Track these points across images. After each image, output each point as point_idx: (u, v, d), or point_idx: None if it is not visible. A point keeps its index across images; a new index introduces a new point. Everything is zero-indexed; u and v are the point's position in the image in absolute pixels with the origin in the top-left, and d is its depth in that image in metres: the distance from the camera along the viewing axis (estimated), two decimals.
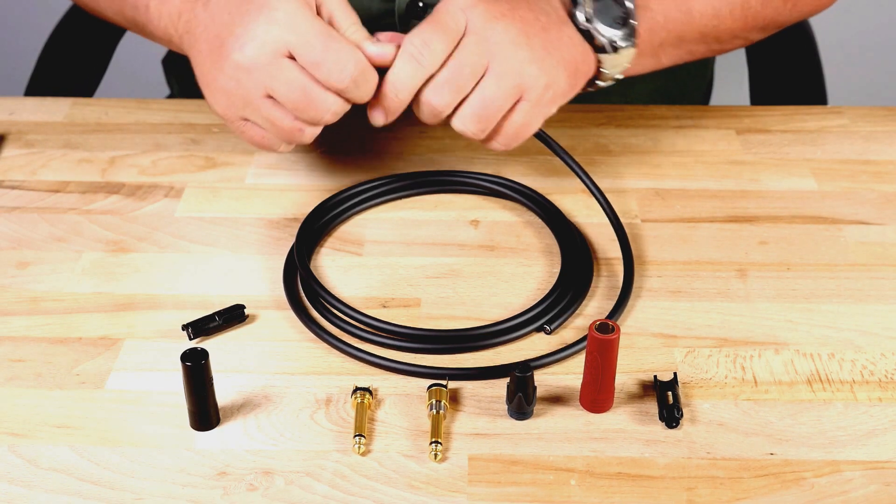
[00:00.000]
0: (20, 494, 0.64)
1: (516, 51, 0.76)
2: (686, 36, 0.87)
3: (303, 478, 0.65)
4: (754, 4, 0.89)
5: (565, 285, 0.79)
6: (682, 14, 0.86)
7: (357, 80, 0.73)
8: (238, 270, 0.82)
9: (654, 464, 0.66)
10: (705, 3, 0.87)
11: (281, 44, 0.73)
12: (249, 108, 0.76)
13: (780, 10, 0.92)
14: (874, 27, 2.12)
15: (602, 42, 0.80)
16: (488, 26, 0.76)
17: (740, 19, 0.90)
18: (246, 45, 0.74)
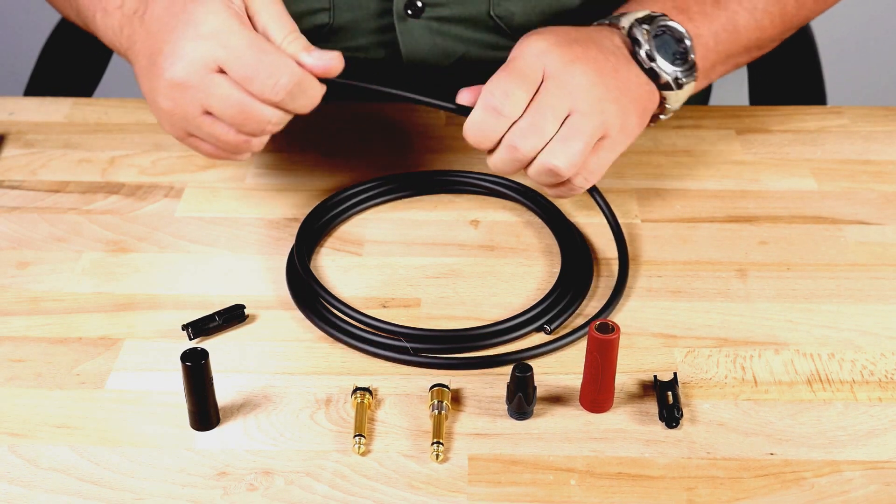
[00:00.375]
0: (20, 494, 0.64)
1: (596, 91, 0.76)
2: (733, 52, 0.89)
3: (303, 478, 0.65)
4: (790, 9, 0.91)
5: (565, 285, 0.79)
6: (729, 33, 0.87)
7: (293, 92, 0.72)
8: (238, 270, 0.82)
9: (654, 464, 0.66)
10: (749, 17, 0.88)
11: (210, 59, 0.71)
12: (191, 125, 0.75)
13: (813, 9, 0.94)
14: (874, 27, 2.11)
15: (667, 80, 0.81)
16: (566, 70, 0.76)
17: (780, 25, 0.91)
18: (176, 63, 0.72)
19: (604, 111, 0.76)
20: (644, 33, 0.81)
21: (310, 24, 0.98)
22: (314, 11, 0.98)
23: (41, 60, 1.22)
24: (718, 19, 0.87)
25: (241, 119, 0.73)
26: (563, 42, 0.78)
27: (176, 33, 0.73)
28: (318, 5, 0.97)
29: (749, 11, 0.88)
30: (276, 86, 0.71)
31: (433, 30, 0.97)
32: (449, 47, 0.99)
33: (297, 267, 0.79)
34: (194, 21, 0.72)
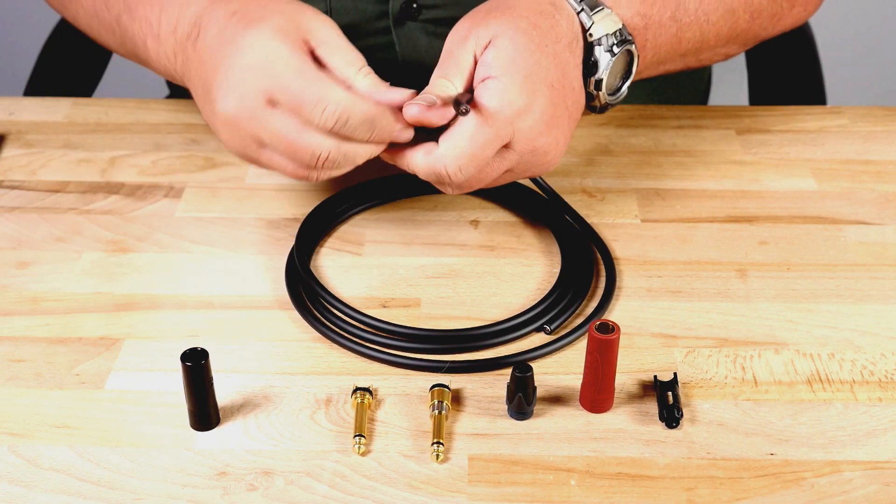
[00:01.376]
0: (20, 494, 0.64)
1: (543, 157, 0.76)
2: (667, 60, 0.87)
3: (303, 478, 0.65)
4: (742, 24, 0.89)
5: (565, 285, 0.78)
6: (672, 45, 0.85)
7: (343, 117, 0.69)
8: (238, 270, 0.82)
9: (654, 464, 0.66)
10: (696, 29, 0.86)
11: (259, 90, 0.70)
12: (251, 156, 0.74)
13: (766, 26, 0.92)
14: (874, 27, 2.12)
15: (596, 105, 0.80)
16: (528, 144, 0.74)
17: (724, 39, 0.89)
18: (227, 97, 0.71)
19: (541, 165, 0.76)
20: (607, 60, 0.78)
21: None
22: None
23: (41, 60, 1.22)
24: (668, 31, 0.84)
25: (291, 151, 0.71)
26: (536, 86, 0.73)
27: (225, 63, 0.71)
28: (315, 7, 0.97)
29: (700, 24, 0.85)
30: (324, 112, 0.69)
31: (430, 32, 0.97)
32: None
33: (296, 267, 0.79)
34: (243, 50, 0.71)
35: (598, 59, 0.78)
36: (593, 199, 0.90)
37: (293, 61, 0.70)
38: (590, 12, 0.77)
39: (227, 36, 0.73)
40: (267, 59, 0.70)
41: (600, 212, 0.88)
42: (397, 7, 0.96)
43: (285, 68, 0.70)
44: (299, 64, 0.70)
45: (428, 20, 0.97)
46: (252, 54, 0.70)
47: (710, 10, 0.86)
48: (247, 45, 0.71)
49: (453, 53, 0.74)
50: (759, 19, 0.90)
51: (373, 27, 0.98)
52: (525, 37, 0.73)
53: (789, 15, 0.93)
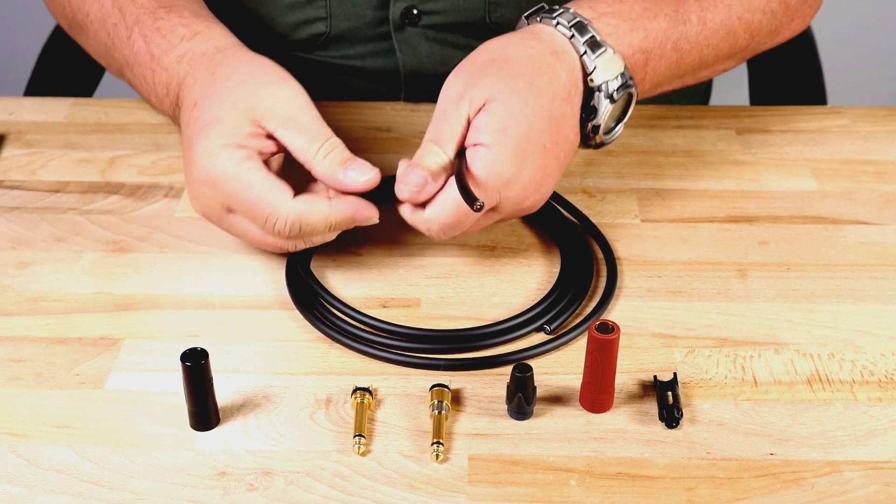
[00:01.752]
0: (20, 494, 0.64)
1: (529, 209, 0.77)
2: (665, 83, 0.86)
3: (303, 478, 0.65)
4: (741, 43, 0.88)
5: (565, 285, 0.78)
6: (672, 72, 0.84)
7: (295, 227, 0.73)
8: (238, 270, 0.82)
9: (654, 464, 0.66)
10: (696, 55, 0.85)
11: (218, 203, 0.74)
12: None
13: (765, 41, 0.91)
14: (874, 27, 2.11)
15: (591, 145, 0.81)
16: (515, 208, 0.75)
17: (723, 58, 0.89)
18: (194, 202, 0.76)
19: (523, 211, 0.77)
20: (606, 106, 0.77)
21: (307, 33, 0.98)
22: (311, 21, 0.98)
23: (41, 60, 1.22)
24: (669, 60, 0.83)
25: (261, 245, 0.76)
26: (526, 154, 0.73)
27: (187, 169, 0.75)
28: (315, 15, 0.97)
29: (700, 49, 0.85)
30: (276, 225, 0.73)
31: (430, 37, 0.98)
32: (446, 54, 0.99)
33: (296, 268, 0.79)
34: (196, 164, 0.73)
35: (598, 106, 0.78)
36: (593, 199, 0.90)
37: (241, 177, 0.72)
38: (592, 55, 0.77)
39: (187, 136, 0.75)
40: (216, 175, 0.73)
41: (600, 212, 0.88)
42: (398, 13, 0.97)
43: (233, 185, 0.72)
44: (246, 179, 0.72)
45: (428, 26, 0.97)
46: (203, 171, 0.73)
47: (710, 34, 0.85)
48: (198, 158, 0.73)
49: (447, 115, 0.74)
50: (759, 36, 0.90)
51: (373, 33, 0.98)
52: (519, 100, 0.73)
53: (788, 28, 0.93)
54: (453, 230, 0.74)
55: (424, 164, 0.73)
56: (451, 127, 0.73)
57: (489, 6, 0.96)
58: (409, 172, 0.73)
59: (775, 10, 0.89)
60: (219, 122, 0.73)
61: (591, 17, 0.78)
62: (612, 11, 0.79)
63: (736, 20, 0.86)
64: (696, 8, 0.84)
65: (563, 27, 0.77)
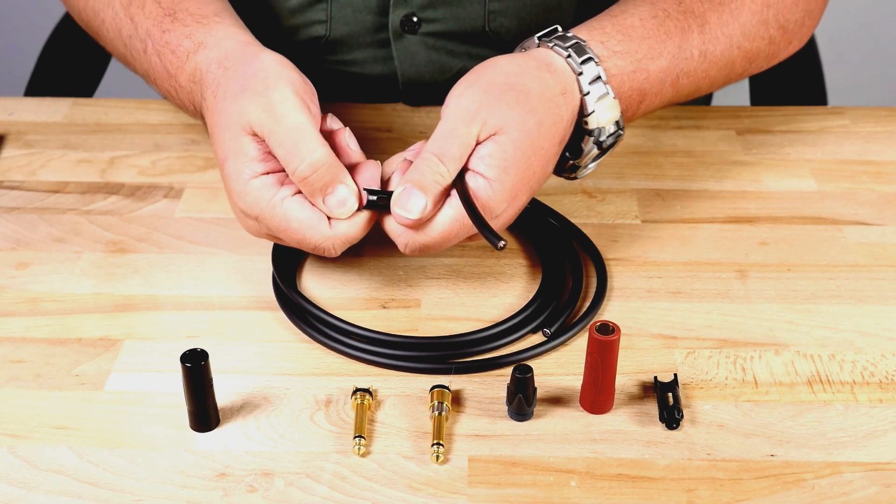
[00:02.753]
0: (19, 495, 0.64)
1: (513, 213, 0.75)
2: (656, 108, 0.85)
3: (302, 479, 0.65)
4: (738, 69, 0.88)
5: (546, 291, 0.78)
6: (663, 102, 0.84)
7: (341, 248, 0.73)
8: (238, 270, 0.82)
9: (654, 465, 0.66)
10: (691, 88, 0.85)
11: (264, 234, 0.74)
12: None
13: (761, 65, 0.91)
14: (874, 27, 2.12)
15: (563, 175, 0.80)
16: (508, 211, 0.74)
17: (718, 84, 0.88)
18: (241, 222, 0.75)
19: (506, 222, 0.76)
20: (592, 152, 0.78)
21: (306, 36, 0.98)
22: (311, 24, 0.98)
23: (41, 60, 1.22)
24: (664, 96, 0.83)
25: (297, 245, 0.74)
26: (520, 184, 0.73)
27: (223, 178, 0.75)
28: (315, 18, 0.97)
29: (697, 80, 0.84)
30: (325, 253, 0.73)
31: (429, 45, 0.98)
32: (445, 62, 0.99)
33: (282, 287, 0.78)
34: (231, 197, 0.74)
35: (585, 148, 0.78)
36: (593, 200, 0.90)
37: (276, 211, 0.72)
38: (594, 99, 0.76)
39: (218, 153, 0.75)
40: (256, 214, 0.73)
41: (600, 212, 0.88)
42: (397, 20, 0.97)
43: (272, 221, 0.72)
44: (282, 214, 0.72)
45: (427, 34, 0.97)
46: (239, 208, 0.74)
47: (710, 66, 0.84)
48: (232, 193, 0.74)
49: (457, 132, 0.72)
50: (756, 62, 0.89)
51: (372, 39, 0.98)
52: (528, 140, 0.73)
53: (786, 51, 0.92)
54: (432, 250, 0.73)
55: (424, 182, 0.71)
56: (460, 145, 0.72)
57: (488, 15, 0.96)
58: (409, 196, 0.71)
59: (773, 35, 0.88)
60: (232, 157, 0.73)
61: (602, 56, 0.77)
62: (621, 51, 0.78)
63: (735, 49, 0.86)
64: (698, 42, 0.83)
65: (573, 62, 0.76)
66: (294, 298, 0.77)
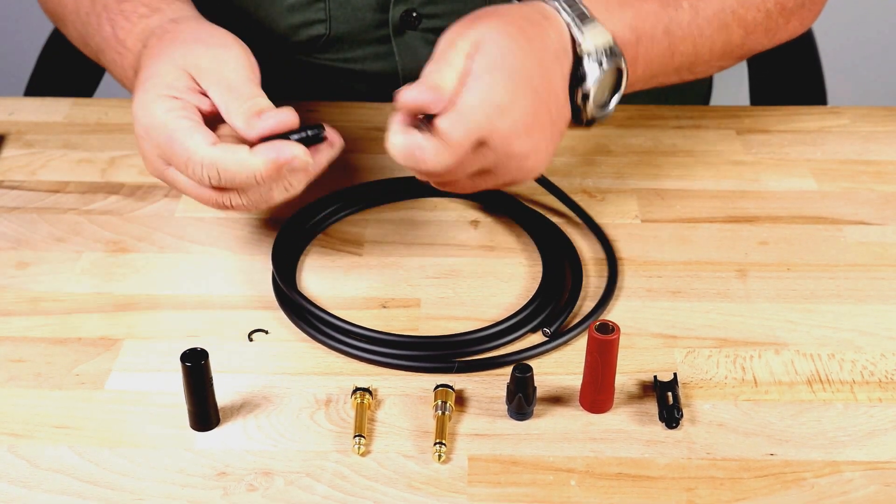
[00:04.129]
0: (20, 495, 0.64)
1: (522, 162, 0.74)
2: (661, 73, 0.85)
3: (303, 478, 0.65)
4: (735, 39, 0.88)
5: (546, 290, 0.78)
6: (664, 59, 0.84)
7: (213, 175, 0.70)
8: (238, 270, 0.82)
9: (654, 464, 0.66)
10: (689, 44, 0.84)
11: (155, 156, 0.73)
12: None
13: (761, 41, 0.91)
14: (874, 27, 2.11)
15: (583, 119, 0.79)
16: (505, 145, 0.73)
17: (718, 54, 0.88)
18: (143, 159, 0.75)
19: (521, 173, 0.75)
20: (595, 70, 0.77)
21: (306, 35, 0.98)
22: (311, 23, 0.98)
23: (41, 60, 1.22)
24: (661, 45, 0.83)
25: (198, 200, 0.74)
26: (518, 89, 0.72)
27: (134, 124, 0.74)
28: (314, 17, 0.97)
29: (693, 38, 0.84)
30: (194, 173, 0.71)
31: (430, 41, 0.97)
32: None
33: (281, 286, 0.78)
34: (135, 118, 0.73)
35: (587, 72, 0.77)
36: (593, 200, 0.90)
37: (168, 124, 0.71)
38: (581, 26, 0.76)
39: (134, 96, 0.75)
40: (148, 125, 0.72)
41: (600, 212, 0.88)
42: (397, 16, 0.96)
43: (160, 132, 0.71)
44: (172, 126, 0.71)
45: (428, 29, 0.97)
46: (139, 123, 0.73)
47: (703, 24, 0.84)
48: (135, 112, 0.73)
49: (445, 55, 0.72)
50: (754, 34, 0.89)
51: (372, 36, 0.98)
52: (511, 40, 0.73)
53: (785, 29, 0.92)
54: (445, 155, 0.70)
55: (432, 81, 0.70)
56: (450, 62, 0.72)
57: None
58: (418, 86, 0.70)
59: (770, 9, 0.88)
60: (156, 76, 0.73)
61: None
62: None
63: (729, 14, 0.86)
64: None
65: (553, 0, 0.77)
66: (294, 298, 0.77)
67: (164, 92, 0.72)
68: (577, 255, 0.83)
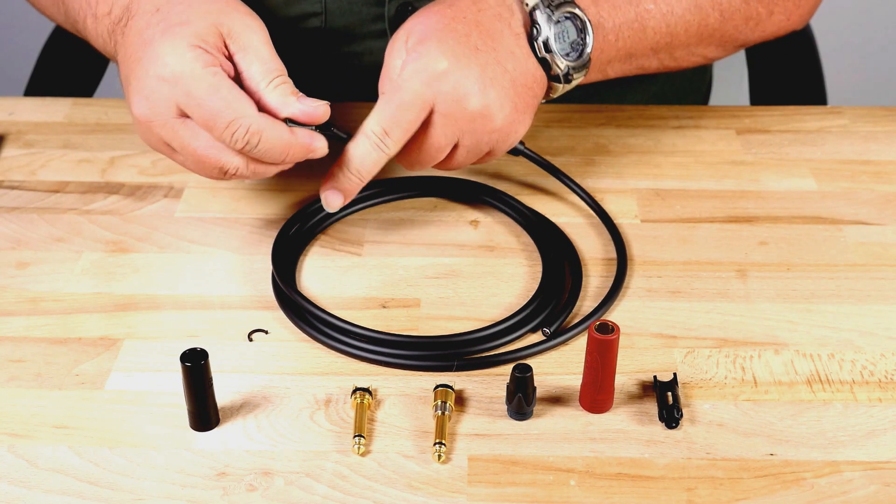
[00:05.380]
0: (19, 495, 0.64)
1: (487, 122, 0.75)
2: (637, 52, 0.86)
3: (302, 478, 0.65)
4: (712, 22, 0.88)
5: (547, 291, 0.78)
6: (635, 31, 0.84)
7: (253, 141, 0.70)
8: (238, 270, 0.82)
9: (653, 464, 0.66)
10: (661, 20, 0.86)
11: (172, 104, 0.71)
12: (163, 153, 0.76)
13: (741, 28, 0.91)
14: (874, 27, 2.11)
15: (557, 72, 0.79)
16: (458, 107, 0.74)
17: (695, 35, 0.88)
18: (140, 102, 0.72)
19: (491, 140, 0.77)
20: (546, 18, 0.77)
21: (302, 28, 0.98)
22: (307, 16, 0.98)
23: (41, 60, 1.22)
24: (626, 14, 0.84)
25: (199, 162, 0.73)
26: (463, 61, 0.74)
27: (141, 67, 0.72)
28: (311, 10, 0.97)
29: (663, 14, 0.85)
30: (234, 135, 0.70)
31: None
32: None
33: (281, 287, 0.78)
34: (158, 59, 0.71)
35: (538, 20, 0.78)
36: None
37: (207, 78, 0.70)
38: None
39: (147, 36, 0.73)
40: (181, 73, 0.70)
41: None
42: (393, 10, 0.96)
43: (198, 85, 0.70)
44: (213, 81, 0.70)
45: None
46: (166, 67, 0.71)
47: (672, 1, 0.86)
48: (162, 54, 0.71)
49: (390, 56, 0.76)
50: (732, 20, 0.89)
51: (368, 30, 0.98)
52: (435, 14, 0.75)
53: (769, 21, 0.92)
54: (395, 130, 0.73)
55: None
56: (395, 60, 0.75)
57: None
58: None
59: None
60: (189, 25, 0.72)
61: None
62: None
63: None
64: None
65: None
66: (294, 298, 0.77)
67: (196, 42, 0.71)
68: (577, 255, 0.83)
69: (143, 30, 0.74)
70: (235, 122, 0.70)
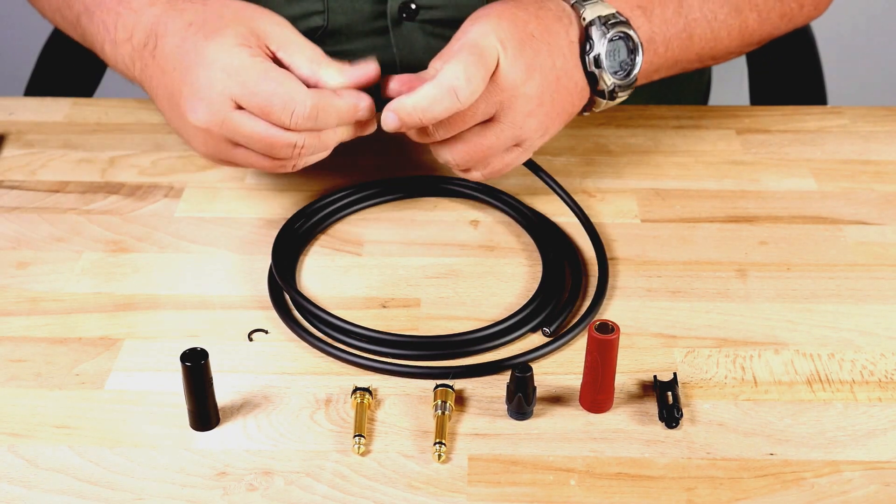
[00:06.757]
0: (19, 495, 0.64)
1: (525, 103, 0.77)
2: (683, 59, 0.88)
3: (302, 478, 0.65)
4: (752, 24, 0.90)
5: (547, 291, 0.78)
6: (683, 40, 0.87)
7: (313, 115, 0.72)
8: (238, 270, 0.82)
9: (653, 464, 0.66)
10: (706, 27, 0.88)
11: (227, 98, 0.73)
12: (226, 157, 0.77)
13: (778, 25, 0.93)
14: (874, 27, 2.11)
15: (604, 88, 0.81)
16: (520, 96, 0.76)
17: (737, 39, 0.90)
18: (197, 108, 0.74)
19: (524, 126, 0.78)
20: (601, 35, 0.80)
21: (304, 27, 0.98)
22: (308, 14, 0.98)
23: (41, 60, 1.22)
24: (676, 26, 0.86)
25: (269, 149, 0.75)
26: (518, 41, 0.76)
27: (191, 74, 0.74)
28: (312, 8, 0.97)
29: (708, 21, 0.87)
30: (293, 115, 0.72)
31: (428, 32, 0.97)
32: None
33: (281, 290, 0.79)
34: (207, 60, 0.73)
35: (593, 36, 0.80)
36: (593, 199, 0.90)
37: (257, 66, 0.73)
38: (583, 3, 0.80)
39: (188, 47, 0.75)
40: (232, 66, 0.73)
41: (600, 212, 0.88)
42: (395, 7, 0.96)
43: (250, 73, 0.73)
44: (264, 67, 0.73)
45: (426, 21, 0.97)
46: (217, 64, 0.73)
47: (715, 7, 0.87)
48: (210, 55, 0.74)
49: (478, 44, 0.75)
50: (770, 20, 0.91)
51: (370, 27, 0.98)
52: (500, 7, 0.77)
53: (800, 14, 0.95)
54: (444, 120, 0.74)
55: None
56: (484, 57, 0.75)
57: (487, 1, 0.96)
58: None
59: None
60: (230, 29, 0.75)
61: None
62: None
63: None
64: None
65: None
66: (294, 298, 0.77)
67: (241, 41, 0.74)
68: (577, 255, 0.83)
69: (181, 44, 0.76)
70: (291, 101, 0.72)
